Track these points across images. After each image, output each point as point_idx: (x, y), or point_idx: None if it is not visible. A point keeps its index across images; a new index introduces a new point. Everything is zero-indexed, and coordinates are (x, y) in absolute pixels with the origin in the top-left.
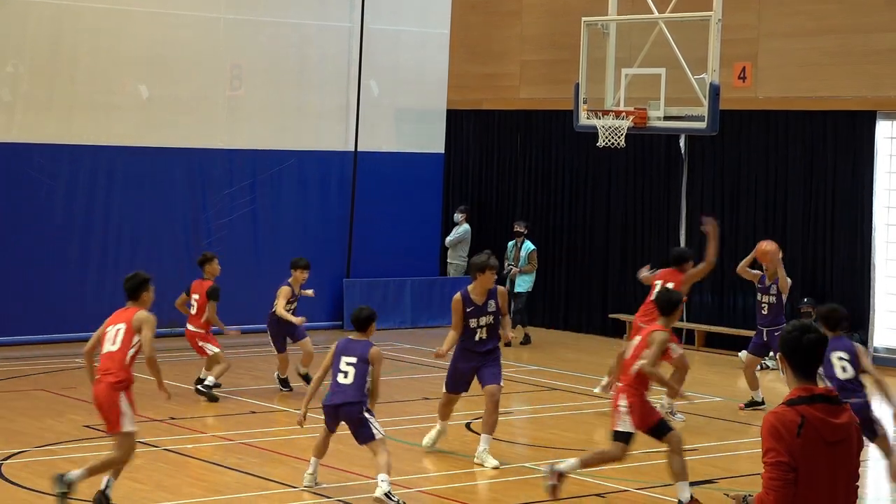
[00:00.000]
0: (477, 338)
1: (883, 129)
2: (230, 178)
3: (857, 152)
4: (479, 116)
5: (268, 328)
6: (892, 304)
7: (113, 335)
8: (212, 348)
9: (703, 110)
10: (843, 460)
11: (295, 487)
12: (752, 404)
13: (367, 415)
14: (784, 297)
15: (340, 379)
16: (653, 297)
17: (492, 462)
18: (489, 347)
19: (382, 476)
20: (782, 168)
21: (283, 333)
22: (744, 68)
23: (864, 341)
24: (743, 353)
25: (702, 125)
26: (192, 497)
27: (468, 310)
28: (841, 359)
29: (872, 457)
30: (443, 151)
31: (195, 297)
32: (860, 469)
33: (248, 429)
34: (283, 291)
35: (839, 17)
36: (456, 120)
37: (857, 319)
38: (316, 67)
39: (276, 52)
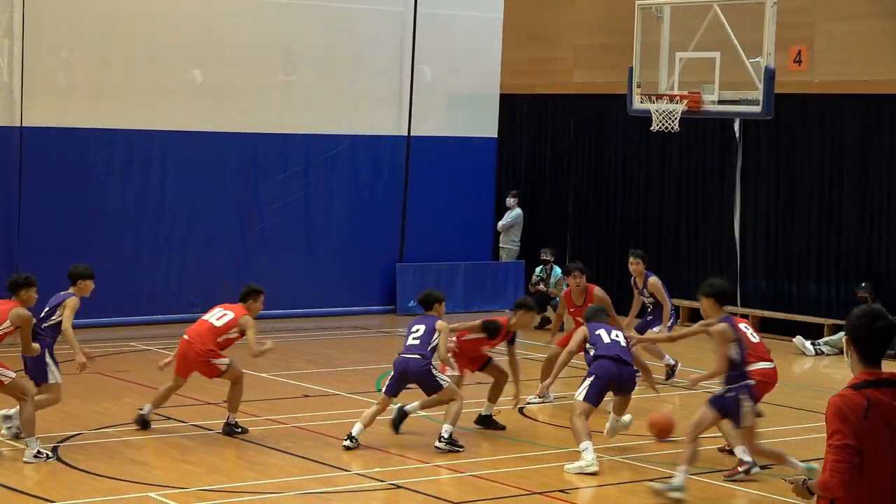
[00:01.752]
0: None
1: None
2: (283, 163)
3: None
4: (532, 101)
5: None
6: None
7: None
8: None
9: (758, 94)
10: None
11: (347, 471)
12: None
13: (433, 370)
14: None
15: (409, 341)
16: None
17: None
18: None
19: (446, 426)
20: (838, 152)
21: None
22: (799, 52)
23: None
24: (798, 339)
25: (756, 109)
26: (246, 480)
27: None
28: None
29: None
30: (496, 136)
31: None
32: None
33: (301, 412)
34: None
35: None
36: (509, 104)
37: None
38: (369, 52)
39: (329, 36)
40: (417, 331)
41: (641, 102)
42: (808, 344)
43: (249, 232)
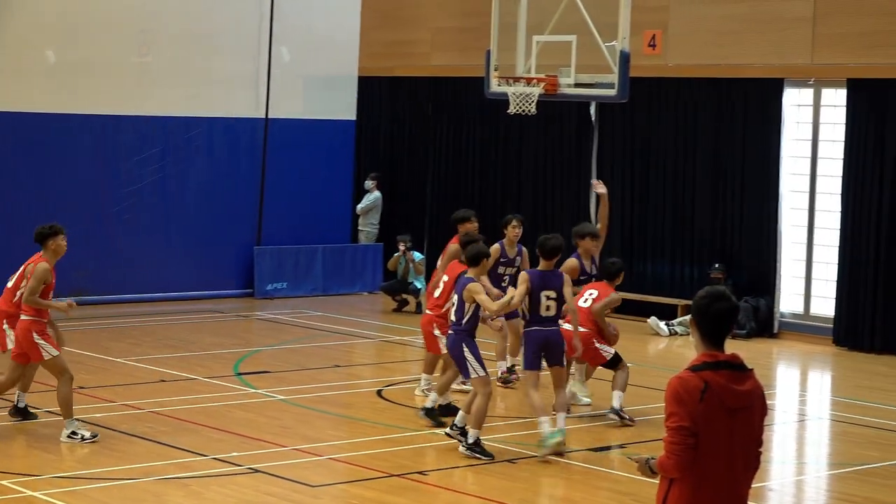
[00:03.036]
0: None
1: (790, 96)
2: (139, 146)
3: (765, 120)
4: (390, 83)
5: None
6: (798, 269)
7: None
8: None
9: (614, 77)
10: (744, 427)
11: (205, 456)
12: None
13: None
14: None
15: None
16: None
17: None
18: None
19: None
20: (692, 135)
21: None
22: (654, 36)
23: (771, 306)
24: (653, 320)
25: (612, 92)
26: (102, 466)
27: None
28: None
29: (778, 421)
30: (354, 118)
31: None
32: (763, 435)
33: (158, 397)
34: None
35: None
36: (367, 87)
37: (764, 285)
38: (226, 33)
39: (186, 17)
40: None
41: (499, 85)
42: (662, 324)
43: (105, 216)
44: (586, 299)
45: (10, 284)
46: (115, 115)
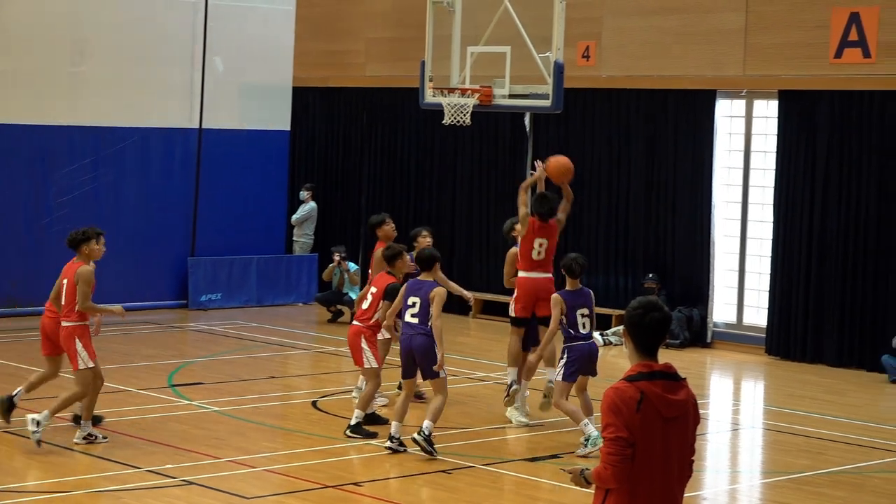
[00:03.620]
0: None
1: (723, 107)
2: (72, 155)
3: (698, 131)
4: (325, 94)
5: None
6: (731, 279)
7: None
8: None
9: (548, 88)
10: (679, 436)
11: (139, 468)
12: None
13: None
14: None
15: (408, 317)
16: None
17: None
18: None
19: (427, 422)
20: (625, 146)
21: None
22: (588, 47)
23: (704, 316)
24: None
25: (546, 103)
26: (35, 479)
27: None
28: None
29: (711, 430)
30: (288, 129)
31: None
32: (697, 444)
33: None
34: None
35: None
36: (302, 97)
37: (697, 295)
38: (160, 43)
39: (120, 27)
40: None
41: (433, 96)
42: (597, 334)
43: (37, 226)
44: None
45: (52, 296)
46: (47, 125)
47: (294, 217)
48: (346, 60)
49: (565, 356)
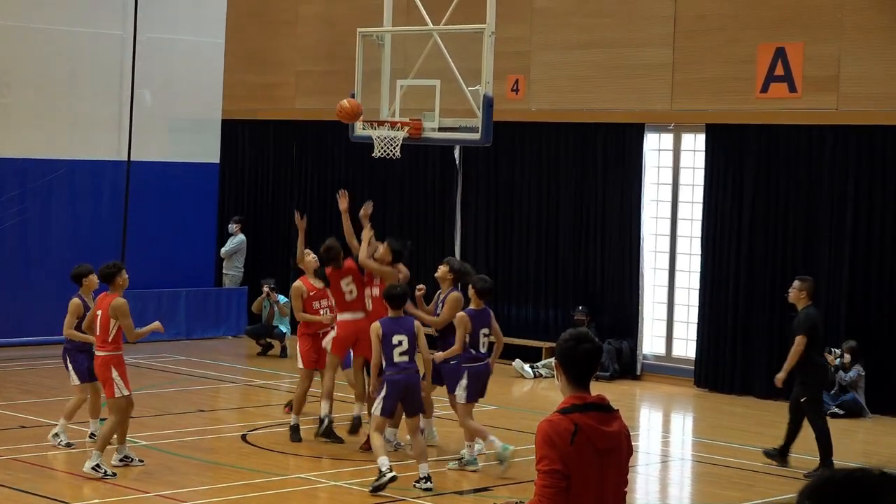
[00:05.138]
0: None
1: (651, 141)
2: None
3: (627, 164)
4: (254, 126)
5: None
6: (660, 312)
7: None
8: None
9: (478, 122)
10: (612, 467)
11: (66, 502)
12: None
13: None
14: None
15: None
16: None
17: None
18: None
19: (423, 466)
20: (554, 180)
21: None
22: (517, 81)
23: (634, 348)
24: (517, 362)
25: (476, 136)
26: None
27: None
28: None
29: (641, 463)
30: (217, 161)
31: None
32: (629, 476)
33: (18, 443)
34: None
35: (609, 30)
36: (231, 130)
37: (626, 327)
38: (88, 76)
39: (47, 59)
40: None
41: (363, 129)
42: (526, 367)
43: None
44: None
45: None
46: None
47: (223, 250)
48: (276, 94)
49: (465, 377)
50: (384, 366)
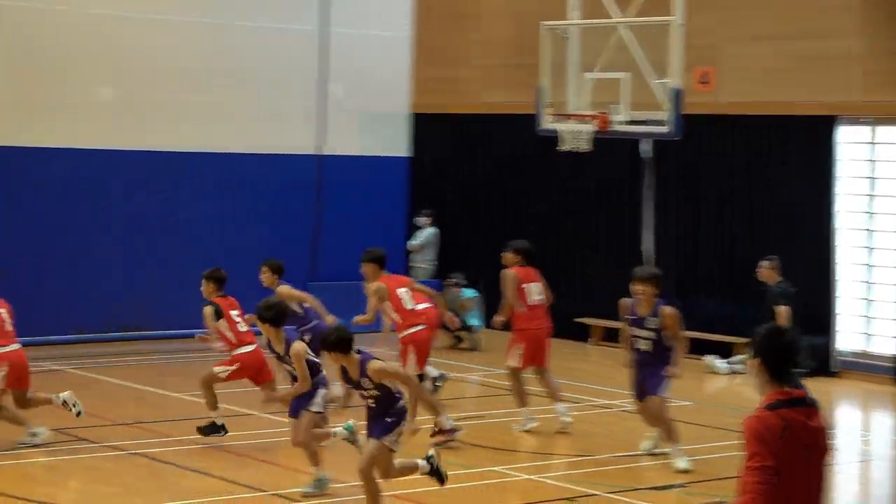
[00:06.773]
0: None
1: (845, 133)
2: (199, 182)
3: (818, 157)
4: (442, 120)
5: None
6: (858, 308)
7: None
8: None
9: (666, 115)
10: (816, 462)
11: (264, 491)
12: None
13: None
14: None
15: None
16: None
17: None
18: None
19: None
20: (742, 172)
21: None
22: (705, 73)
23: (828, 345)
24: (708, 358)
25: (665, 129)
26: (163, 502)
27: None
28: None
29: (841, 461)
30: (407, 155)
31: None
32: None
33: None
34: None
35: (798, 21)
36: (420, 123)
37: (820, 324)
38: (280, 71)
39: (240, 55)
40: None
41: (551, 122)
42: (718, 362)
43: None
44: None
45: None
46: (178, 153)
47: (411, 243)
48: (464, 87)
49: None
50: None
